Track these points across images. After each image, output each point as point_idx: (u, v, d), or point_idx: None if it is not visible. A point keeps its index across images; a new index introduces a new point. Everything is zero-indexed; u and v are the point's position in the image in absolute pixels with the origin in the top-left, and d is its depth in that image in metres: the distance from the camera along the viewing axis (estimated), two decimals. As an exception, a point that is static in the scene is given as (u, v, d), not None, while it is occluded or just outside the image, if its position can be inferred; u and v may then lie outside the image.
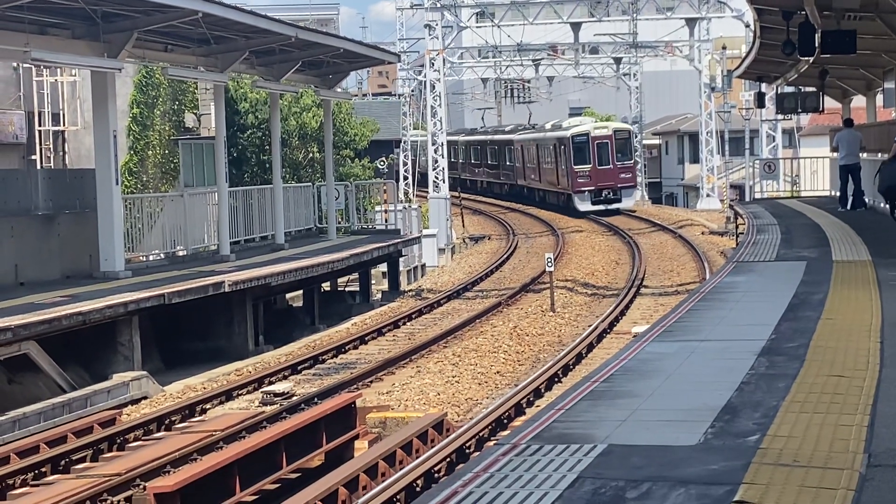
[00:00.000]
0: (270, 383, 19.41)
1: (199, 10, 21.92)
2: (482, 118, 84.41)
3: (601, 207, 55.22)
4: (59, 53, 21.41)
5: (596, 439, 7.22)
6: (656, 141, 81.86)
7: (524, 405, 16.34)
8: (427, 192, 52.93)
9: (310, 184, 37.13)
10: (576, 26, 54.93)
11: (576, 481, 6.35)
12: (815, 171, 39.90)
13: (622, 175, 56.07)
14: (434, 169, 51.63)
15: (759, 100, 43.06)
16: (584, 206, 55.50)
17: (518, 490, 6.29)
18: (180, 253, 27.50)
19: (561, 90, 75.94)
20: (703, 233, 45.03)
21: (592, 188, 55.53)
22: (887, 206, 23.63)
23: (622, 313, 25.40)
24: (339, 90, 36.27)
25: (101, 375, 18.83)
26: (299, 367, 20.98)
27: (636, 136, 63.97)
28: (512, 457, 6.96)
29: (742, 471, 6.37)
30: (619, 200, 56.02)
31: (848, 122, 29.39)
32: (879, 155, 27.63)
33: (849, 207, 27.37)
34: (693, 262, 35.22)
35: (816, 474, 6.28)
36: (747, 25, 45.97)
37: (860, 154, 28.11)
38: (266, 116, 39.70)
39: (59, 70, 34.15)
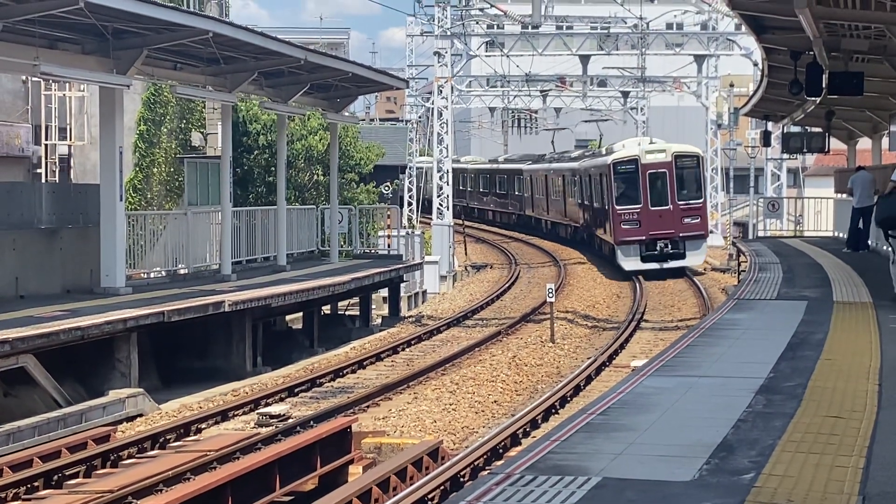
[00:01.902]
0: (267, 405, 19.36)
1: (209, 29, 21.98)
2: (552, 142, 68.26)
3: (654, 266, 40.51)
4: (68, 68, 21.45)
5: (591, 472, 7.20)
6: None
7: (520, 435, 16.30)
8: (431, 218, 52.94)
9: (314, 206, 37.15)
10: (584, 59, 55.07)
11: (568, 514, 6.32)
12: (818, 212, 39.92)
13: (687, 219, 40.61)
14: (438, 196, 51.66)
15: (765, 138, 43.17)
16: (630, 263, 40.60)
17: (510, 520, 6.26)
18: (182, 271, 27.48)
19: (567, 122, 76.06)
20: (704, 269, 45.03)
21: (643, 238, 40.54)
22: (888, 246, 23.90)
23: (622, 346, 25.35)
24: (346, 114, 36.33)
25: (98, 391, 18.78)
26: (296, 390, 20.93)
27: (704, 164, 46.35)
28: (505, 486, 6.93)
29: (736, 509, 6.34)
30: (683, 256, 40.76)
31: (860, 168, 29.65)
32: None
33: (855, 249, 27.41)
34: (694, 298, 35.20)
35: (810, 515, 6.24)
36: (755, 64, 46.08)
37: (874, 196, 28.18)
38: (276, 138, 39.78)
39: (67, 85, 34.23)
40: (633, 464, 7.46)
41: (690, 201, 41.09)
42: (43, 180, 34.19)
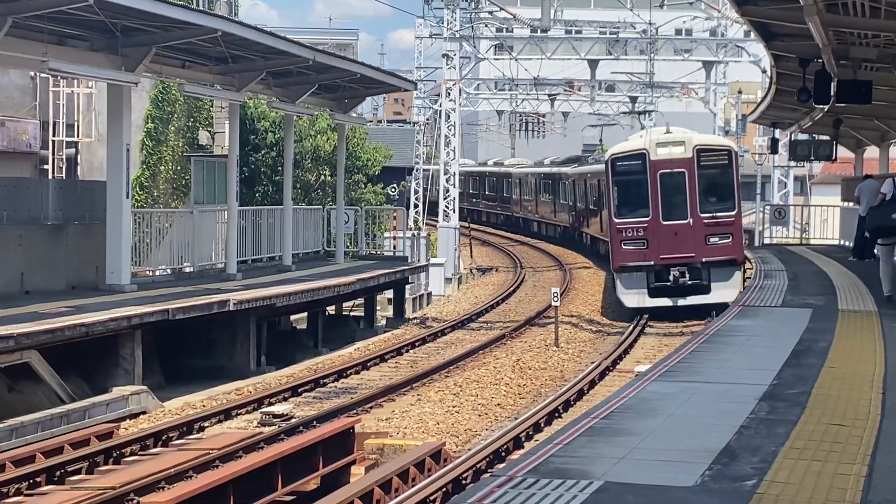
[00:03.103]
0: (270, 404, 19.36)
1: (218, 28, 21.99)
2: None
3: (666, 303, 30.07)
4: (76, 64, 21.47)
5: (592, 476, 7.19)
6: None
7: (523, 438, 16.28)
8: (437, 220, 52.94)
9: (320, 207, 37.16)
10: (593, 63, 55.00)
11: (570, 517, 6.32)
12: (825, 220, 39.89)
13: (714, 238, 29.93)
14: (445, 198, 51.66)
15: (773, 145, 43.15)
16: (633, 297, 30.40)
17: (511, 523, 6.26)
18: (187, 269, 27.49)
19: (575, 126, 76.00)
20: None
21: (651, 264, 30.00)
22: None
23: (626, 351, 25.33)
24: (354, 115, 36.34)
25: (101, 388, 18.80)
26: (300, 390, 20.93)
27: (739, 160, 34.06)
28: (507, 489, 6.93)
29: (737, 515, 6.33)
30: (707, 289, 29.75)
31: (868, 176, 29.67)
32: None
33: (860, 258, 27.42)
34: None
35: (812, 522, 6.24)
36: (764, 71, 46.03)
37: None
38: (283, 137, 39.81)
39: (75, 81, 34.26)
40: (636, 468, 7.46)
41: (719, 213, 29.85)
42: (50, 177, 34.22)
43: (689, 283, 29.78)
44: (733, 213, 30.16)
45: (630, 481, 7.11)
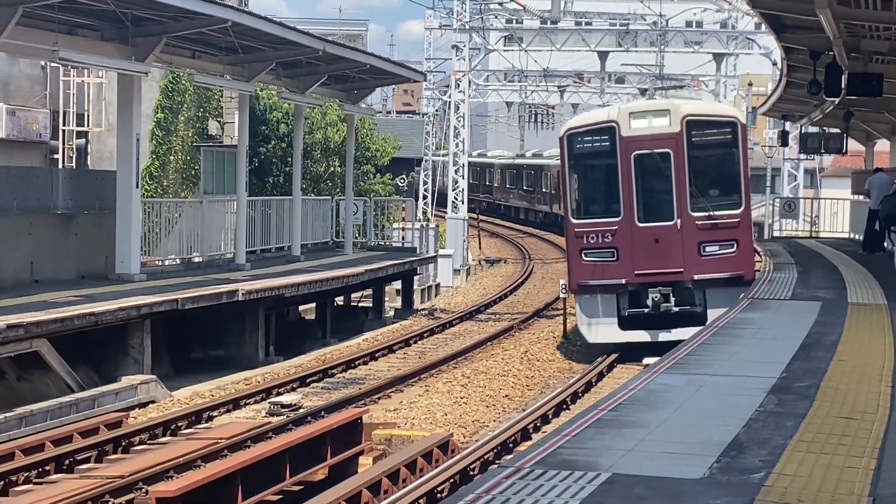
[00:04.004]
0: (278, 394, 19.39)
1: (228, 18, 22.00)
2: None
3: (643, 337, 22.36)
4: (86, 54, 21.49)
5: (600, 467, 7.19)
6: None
7: (531, 430, 16.29)
8: (445, 211, 52.95)
9: (329, 197, 37.17)
10: (603, 55, 54.97)
11: (578, 508, 6.32)
12: (835, 213, 39.81)
13: (710, 246, 22.32)
14: (454, 189, 51.67)
15: (783, 138, 43.09)
16: (596, 329, 22.75)
17: (519, 514, 6.26)
18: (196, 259, 27.53)
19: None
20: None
21: (621, 282, 22.37)
22: (888, 242, 25.63)
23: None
24: (363, 106, 36.33)
25: (110, 377, 18.83)
26: (308, 380, 20.96)
27: (747, 134, 25.97)
28: (515, 480, 6.93)
29: (745, 507, 6.33)
30: (702, 318, 21.18)
31: (878, 170, 29.61)
32: None
33: (870, 251, 27.39)
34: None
35: (820, 515, 6.23)
36: (774, 63, 45.95)
37: None
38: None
39: (85, 71, 34.30)
40: (644, 460, 7.46)
41: (719, 211, 22.13)
42: (60, 166, 34.27)
43: (676, 309, 21.79)
44: (738, 210, 22.04)
45: (638, 473, 7.11)
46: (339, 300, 30.93)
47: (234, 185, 28.24)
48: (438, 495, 12.45)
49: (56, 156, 35.16)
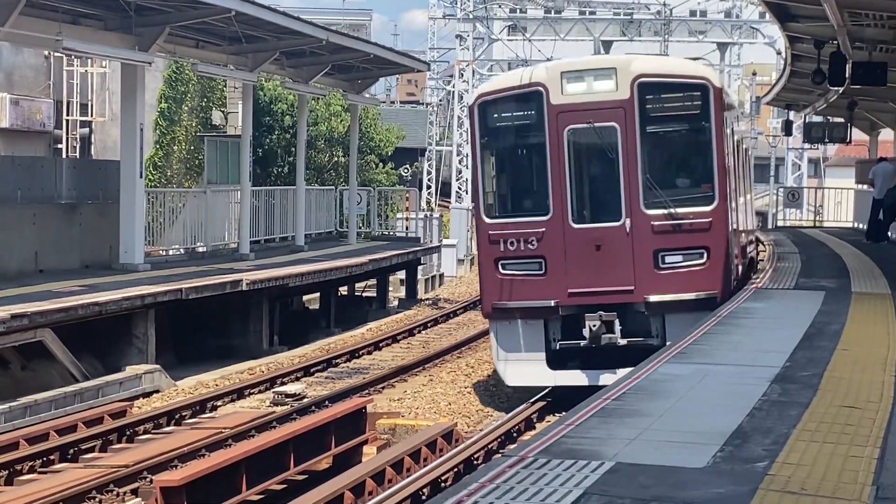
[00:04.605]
0: (282, 384, 19.42)
1: (232, 8, 21.98)
2: None
3: (580, 379, 16.58)
4: (90, 44, 21.49)
5: (604, 456, 7.20)
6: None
7: (535, 419, 16.30)
8: (449, 201, 52.93)
9: (333, 187, 37.18)
10: (607, 44, 54.88)
11: (581, 497, 6.33)
12: (839, 202, 39.78)
13: (672, 256, 16.68)
14: (457, 179, 51.65)
15: (787, 128, 43.03)
16: (517, 369, 17.00)
17: (523, 503, 6.27)
18: (200, 249, 27.55)
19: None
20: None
21: (549, 304, 16.63)
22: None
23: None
24: (367, 95, 36.33)
25: (115, 367, 18.87)
26: (312, 370, 20.98)
27: (722, 103, 17.26)
28: (519, 469, 6.94)
29: (749, 496, 6.34)
30: (657, 342, 15.95)
31: (882, 159, 29.63)
32: None
33: (874, 240, 27.39)
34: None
35: (823, 503, 6.24)
36: (778, 53, 45.91)
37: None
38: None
39: (89, 61, 34.28)
40: (647, 449, 7.46)
41: (684, 207, 16.79)
42: (64, 156, 34.27)
43: (623, 342, 16.20)
44: (710, 206, 16.56)
45: (641, 462, 7.11)
46: (343, 290, 30.95)
47: (237, 175, 28.26)
48: (442, 484, 12.48)
49: (60, 145, 35.15)
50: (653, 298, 16.38)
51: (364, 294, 33.09)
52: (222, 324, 22.82)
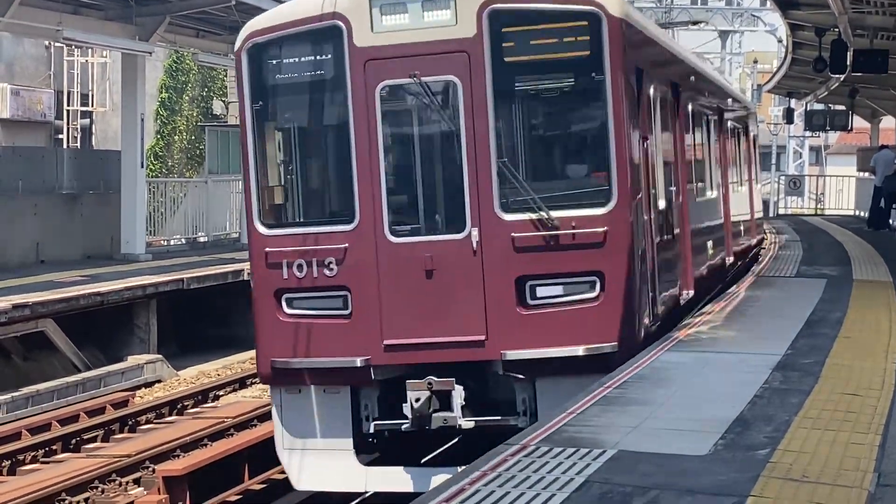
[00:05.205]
0: (284, 373, 19.38)
1: (232, -3, 21.99)
2: None
3: (403, 483, 10.91)
4: (91, 34, 21.48)
5: (606, 445, 7.20)
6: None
7: (536, 408, 16.26)
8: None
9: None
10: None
11: (583, 485, 6.34)
12: (840, 190, 39.79)
13: (544, 287, 10.64)
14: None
15: (788, 115, 43.01)
16: (306, 465, 11.13)
17: (525, 491, 6.27)
18: (201, 239, 27.56)
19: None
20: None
21: (355, 363, 10.69)
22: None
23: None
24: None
25: (117, 357, 18.89)
26: (314, 359, 20.94)
27: (650, 31, 13.07)
28: (520, 457, 6.94)
29: (750, 483, 6.34)
30: (522, 422, 10.41)
31: (883, 146, 29.66)
32: None
33: (876, 228, 27.42)
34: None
35: (825, 491, 6.25)
36: (780, 40, 45.86)
37: None
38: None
39: (90, 51, 34.27)
40: (649, 437, 7.46)
41: (564, 209, 10.65)
42: (64, 146, 34.29)
43: (468, 423, 10.85)
44: (606, 209, 10.72)
45: (643, 450, 7.11)
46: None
47: (239, 165, 28.24)
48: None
49: (60, 136, 35.16)
50: (515, 355, 10.54)
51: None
52: (224, 313, 22.80)
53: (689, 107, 15.04)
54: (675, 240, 13.35)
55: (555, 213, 10.58)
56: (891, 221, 27.83)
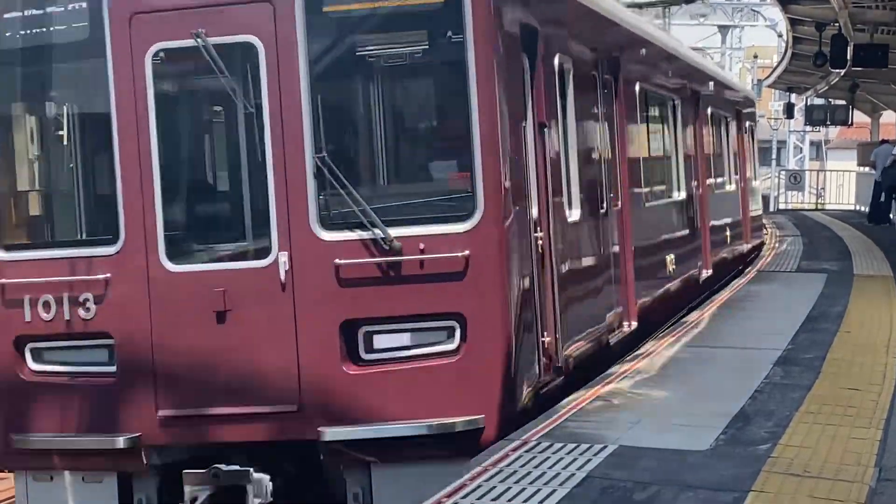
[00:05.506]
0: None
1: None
2: None
3: None
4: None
5: (607, 440, 7.21)
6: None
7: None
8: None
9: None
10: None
11: (584, 480, 6.35)
12: (840, 185, 39.82)
13: (383, 335, 7.86)
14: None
15: (789, 110, 43.01)
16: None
17: (526, 486, 6.29)
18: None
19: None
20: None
21: (114, 443, 7.96)
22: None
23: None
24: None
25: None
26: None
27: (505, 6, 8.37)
28: (522, 453, 6.96)
29: (751, 478, 6.35)
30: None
31: (884, 141, 29.72)
32: None
33: (876, 222, 27.45)
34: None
35: (826, 485, 6.26)
36: (780, 35, 45.84)
37: None
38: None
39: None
40: (650, 432, 7.48)
41: (409, 227, 7.77)
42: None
43: None
44: (469, 223, 7.74)
45: (644, 445, 7.13)
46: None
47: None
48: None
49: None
50: (338, 433, 7.79)
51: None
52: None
53: (638, 87, 12.50)
54: (602, 261, 10.50)
55: (395, 231, 7.68)
56: (891, 216, 27.83)
